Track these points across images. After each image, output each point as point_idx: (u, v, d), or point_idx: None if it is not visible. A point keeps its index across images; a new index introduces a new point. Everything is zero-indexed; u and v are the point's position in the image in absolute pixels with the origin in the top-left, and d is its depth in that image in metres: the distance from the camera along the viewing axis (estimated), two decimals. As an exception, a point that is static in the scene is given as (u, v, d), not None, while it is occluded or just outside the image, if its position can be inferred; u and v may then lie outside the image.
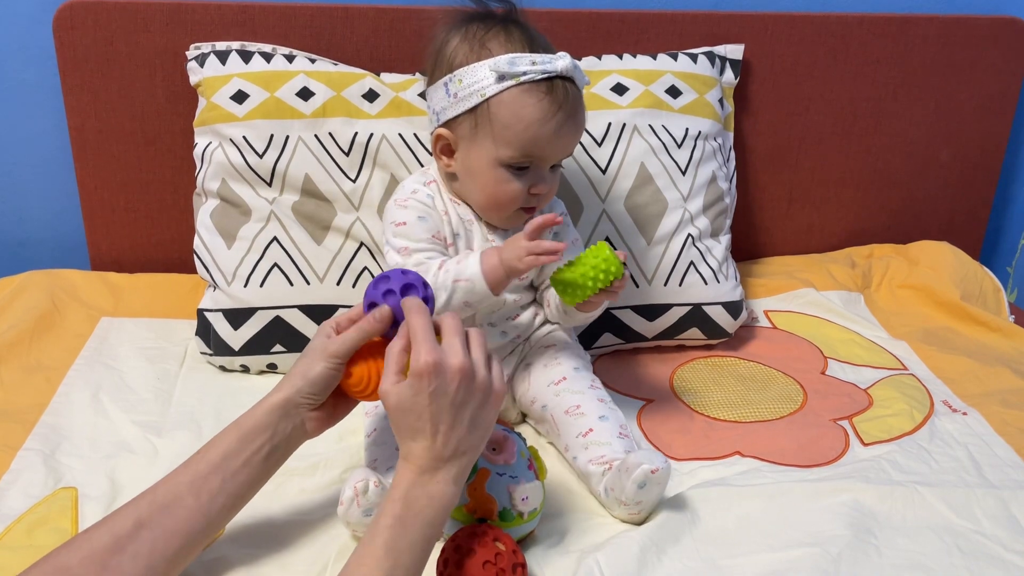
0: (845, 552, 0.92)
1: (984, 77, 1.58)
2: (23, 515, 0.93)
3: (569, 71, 0.99)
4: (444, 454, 0.79)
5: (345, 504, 0.89)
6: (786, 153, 1.58)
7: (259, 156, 1.23)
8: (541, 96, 0.98)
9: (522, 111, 0.98)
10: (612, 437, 1.01)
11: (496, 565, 0.82)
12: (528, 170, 1.02)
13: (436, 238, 1.06)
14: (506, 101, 0.99)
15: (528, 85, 0.98)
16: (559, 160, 1.05)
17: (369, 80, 1.29)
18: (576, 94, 1.01)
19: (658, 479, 0.92)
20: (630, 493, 0.92)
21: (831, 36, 1.51)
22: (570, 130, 1.01)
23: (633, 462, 0.92)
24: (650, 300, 1.28)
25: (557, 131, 0.99)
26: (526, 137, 0.99)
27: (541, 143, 1.00)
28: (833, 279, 1.53)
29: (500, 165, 1.01)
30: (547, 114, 0.98)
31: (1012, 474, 1.06)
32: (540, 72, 0.98)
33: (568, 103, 0.99)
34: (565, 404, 1.06)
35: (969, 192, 1.68)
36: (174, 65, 1.34)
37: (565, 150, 1.04)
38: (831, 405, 1.20)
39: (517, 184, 1.02)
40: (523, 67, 0.97)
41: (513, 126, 0.99)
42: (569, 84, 1.00)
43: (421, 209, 1.06)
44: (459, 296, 1.00)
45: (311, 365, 0.86)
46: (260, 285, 1.21)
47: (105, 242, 1.45)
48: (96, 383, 1.17)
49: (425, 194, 1.08)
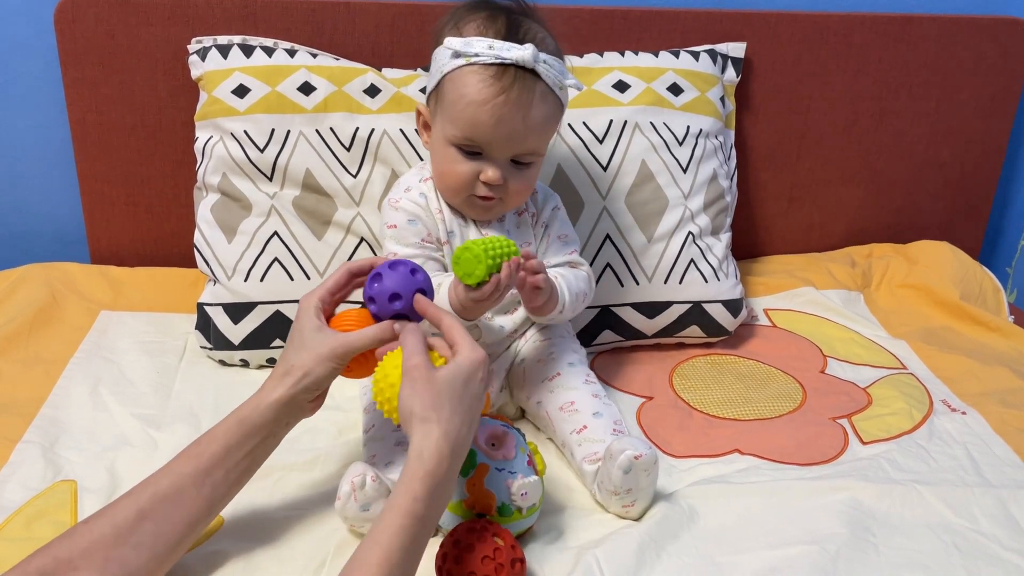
0: (843, 550, 0.92)
1: (985, 77, 1.59)
2: (22, 507, 0.93)
3: (526, 62, 0.96)
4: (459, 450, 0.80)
5: (342, 499, 0.89)
6: (787, 152, 1.58)
7: (260, 150, 1.23)
8: (486, 78, 0.97)
9: (464, 89, 0.98)
10: (606, 434, 1.01)
11: (495, 560, 0.82)
12: (481, 157, 1.01)
13: (426, 241, 1.06)
14: (454, 79, 0.99)
15: (478, 67, 0.97)
16: (511, 153, 1.01)
17: (370, 75, 1.29)
18: (532, 87, 0.98)
19: (643, 465, 0.92)
20: (617, 480, 0.92)
21: (833, 35, 1.51)
22: (514, 121, 0.97)
23: (616, 448, 0.92)
24: (650, 298, 1.28)
25: (498, 118, 0.97)
26: (464, 117, 0.98)
27: (481, 127, 0.98)
28: (833, 278, 1.54)
29: (449, 144, 1.01)
30: (486, 97, 0.96)
31: (1010, 473, 1.06)
32: (493, 56, 0.96)
33: (515, 92, 0.96)
34: (559, 400, 1.06)
35: (969, 192, 1.68)
36: (175, 59, 1.34)
37: (510, 141, 0.99)
38: (830, 404, 1.20)
39: (465, 167, 1.01)
40: (476, 48, 0.97)
41: (456, 104, 0.99)
42: (527, 76, 0.97)
43: (412, 211, 1.07)
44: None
45: (315, 366, 0.86)
46: (260, 280, 1.21)
47: (105, 236, 1.45)
48: (95, 376, 1.17)
49: (419, 193, 1.08)
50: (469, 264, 0.92)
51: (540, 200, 1.14)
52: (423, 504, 0.75)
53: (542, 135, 1.03)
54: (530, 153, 1.02)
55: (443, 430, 0.78)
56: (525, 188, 1.05)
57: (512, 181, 1.03)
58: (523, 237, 1.12)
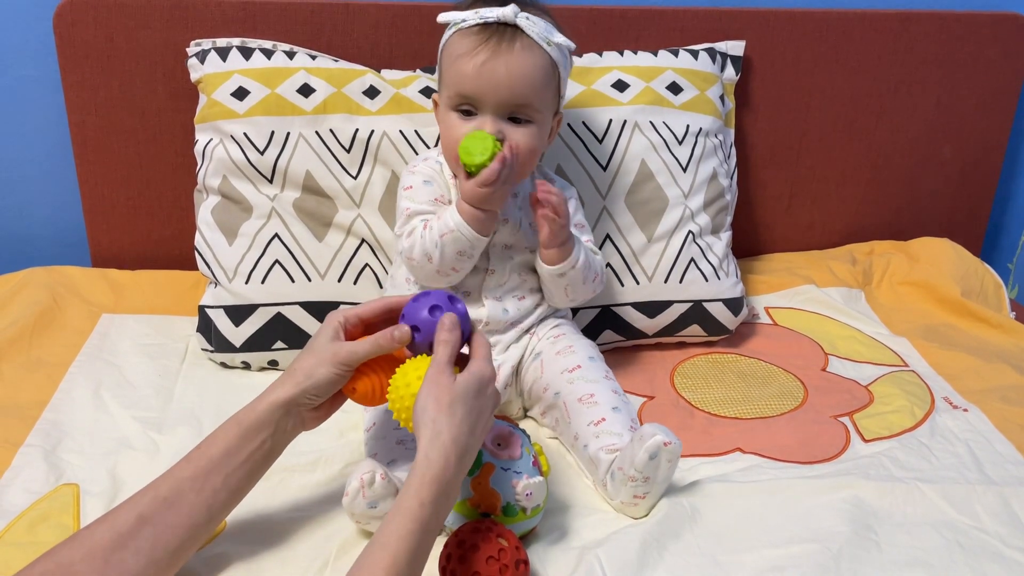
0: (845, 548, 0.92)
1: (985, 73, 1.58)
2: (25, 511, 0.93)
3: (507, 18, 1.02)
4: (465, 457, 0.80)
5: (350, 495, 0.89)
6: (787, 150, 1.57)
7: (260, 153, 1.23)
8: (471, 35, 1.03)
9: (453, 48, 1.04)
10: (624, 429, 1.01)
11: (499, 561, 0.82)
12: (475, 116, 1.05)
13: (439, 201, 1.09)
14: (447, 47, 1.06)
15: (465, 29, 1.04)
16: (501, 104, 1.03)
17: (370, 76, 1.29)
18: (512, 38, 1.02)
19: (668, 454, 0.93)
20: (640, 464, 0.92)
21: (832, 32, 1.50)
22: (496, 68, 1.01)
23: (647, 432, 0.93)
24: (651, 297, 1.28)
25: (481, 65, 1.01)
26: (454, 72, 1.03)
27: (467, 79, 1.02)
28: (834, 276, 1.54)
29: (449, 109, 1.06)
30: (471, 49, 1.02)
31: (1012, 470, 1.06)
32: (478, 19, 1.03)
33: (495, 41, 1.02)
34: (579, 392, 1.06)
35: (970, 188, 1.68)
36: (175, 62, 1.34)
37: (496, 90, 1.02)
38: (832, 402, 1.20)
39: (464, 129, 1.04)
40: (464, 15, 1.04)
41: (448, 65, 1.05)
42: (508, 29, 1.02)
43: (428, 174, 1.11)
44: (450, 249, 1.03)
45: (317, 368, 0.86)
46: (261, 282, 1.21)
47: (106, 238, 1.45)
48: (97, 379, 1.17)
49: (435, 160, 1.12)
50: (475, 146, 0.99)
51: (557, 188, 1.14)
52: (430, 509, 0.76)
53: (530, 85, 1.03)
54: (523, 106, 1.04)
55: (452, 435, 0.79)
56: (527, 147, 1.05)
57: (511, 138, 1.04)
58: (532, 216, 1.11)
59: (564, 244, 1.07)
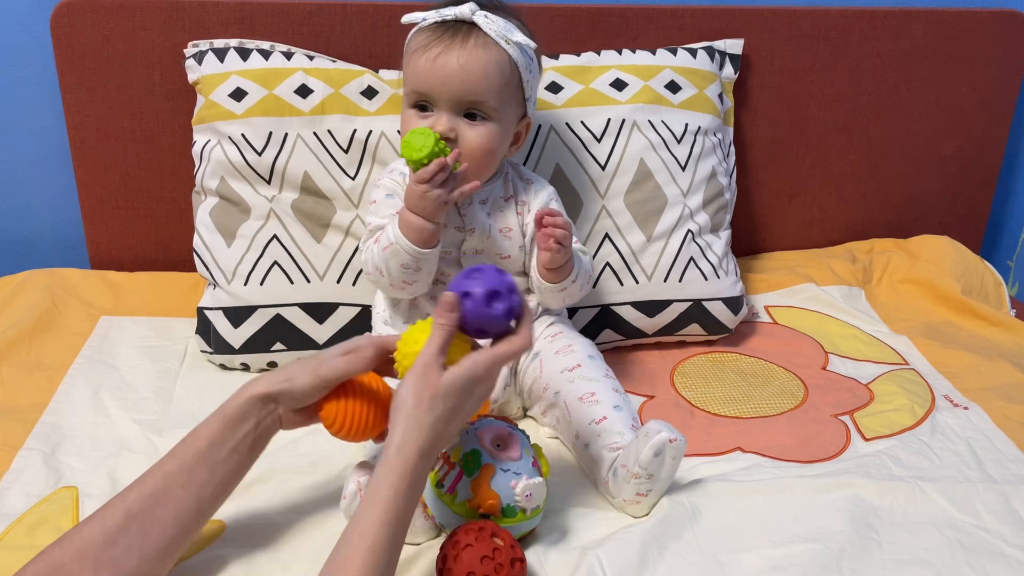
0: (846, 547, 0.92)
1: (984, 71, 1.58)
2: (24, 515, 0.93)
3: (463, 15, 1.03)
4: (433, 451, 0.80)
5: (348, 498, 0.89)
6: (786, 148, 1.57)
7: (258, 154, 1.23)
8: (427, 32, 1.04)
9: (411, 45, 1.06)
10: (625, 428, 1.01)
11: (494, 560, 0.82)
12: (431, 112, 1.05)
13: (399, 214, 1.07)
14: (408, 43, 1.07)
15: (425, 27, 1.05)
16: (454, 99, 1.03)
17: (367, 77, 1.29)
18: (468, 34, 1.03)
19: (673, 451, 0.93)
20: (644, 460, 0.92)
21: (831, 30, 1.50)
22: (449, 62, 1.01)
23: (653, 428, 0.93)
24: (650, 296, 1.28)
25: (433, 60, 1.02)
26: (410, 68, 1.05)
27: (420, 73, 1.03)
28: (834, 274, 1.53)
29: (408, 106, 1.07)
30: (425, 43, 1.03)
31: (1014, 469, 1.06)
32: (437, 16, 1.04)
33: (447, 36, 1.02)
34: (579, 391, 1.06)
35: (970, 186, 1.68)
36: (172, 63, 1.34)
37: (448, 83, 1.02)
38: (832, 400, 1.20)
39: (417, 124, 1.03)
40: (426, 14, 1.05)
41: (406, 62, 1.06)
42: (464, 26, 1.03)
43: (390, 187, 1.11)
44: (393, 263, 1.03)
45: (299, 375, 0.85)
46: (260, 283, 1.21)
47: (104, 240, 1.44)
48: (96, 382, 1.17)
49: (399, 173, 1.12)
50: (416, 141, 0.97)
51: (534, 190, 1.14)
52: (403, 499, 0.77)
53: (484, 81, 1.03)
54: (477, 102, 1.04)
55: (428, 431, 0.79)
56: (481, 146, 1.05)
57: (465, 134, 1.04)
58: (502, 222, 1.12)
59: (567, 261, 1.07)
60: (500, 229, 1.11)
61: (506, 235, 1.11)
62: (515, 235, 1.12)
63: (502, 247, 1.12)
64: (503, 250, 1.12)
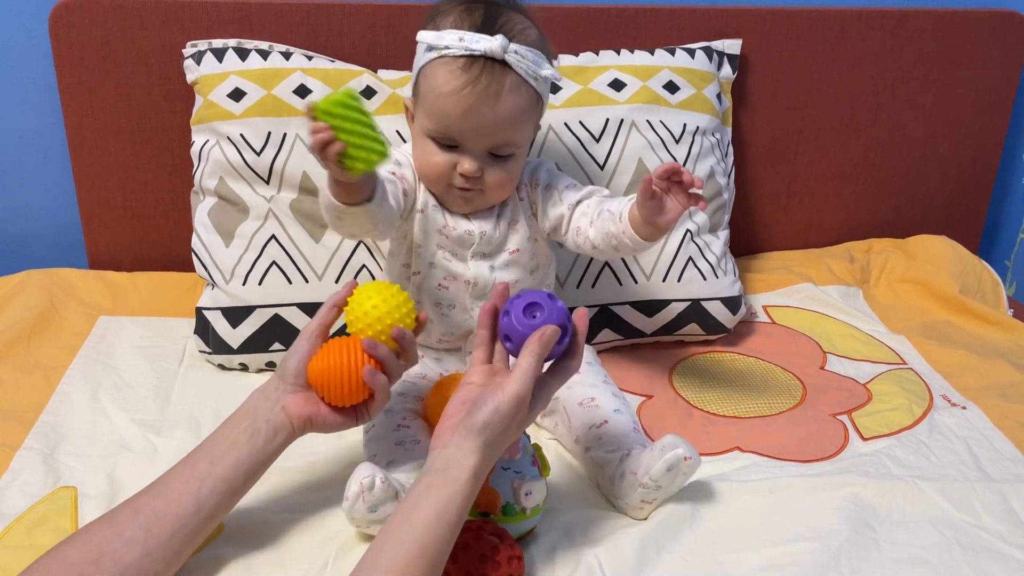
0: (845, 546, 0.92)
1: (982, 71, 1.58)
2: (23, 514, 0.93)
3: (494, 53, 0.95)
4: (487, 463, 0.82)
5: (350, 500, 0.88)
6: (784, 148, 1.57)
7: (256, 154, 1.23)
8: (455, 70, 0.96)
9: (434, 82, 0.98)
10: (627, 430, 1.01)
11: (492, 558, 0.82)
12: (457, 149, 1.01)
13: (398, 176, 1.05)
14: (428, 73, 0.99)
15: (449, 59, 0.97)
16: (485, 145, 1.00)
17: (366, 77, 1.29)
18: (501, 78, 0.96)
19: (686, 469, 0.93)
20: (656, 473, 0.92)
21: (829, 30, 1.50)
22: (483, 111, 0.97)
23: (669, 443, 0.93)
24: (649, 296, 1.28)
25: (466, 109, 0.96)
26: (436, 109, 0.98)
27: (451, 119, 0.98)
28: (832, 274, 1.54)
29: (426, 136, 1.01)
30: (455, 88, 0.96)
31: (1011, 468, 1.06)
32: (463, 48, 0.96)
33: (482, 82, 0.96)
34: (579, 396, 1.06)
35: (967, 186, 1.68)
36: (171, 63, 1.34)
37: (481, 132, 0.98)
38: (830, 400, 1.20)
39: (442, 158, 1.01)
40: (447, 41, 0.96)
41: (428, 96, 0.99)
42: (496, 66, 0.96)
43: (402, 159, 1.07)
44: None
45: (297, 343, 0.93)
46: (258, 283, 1.21)
47: (103, 240, 1.44)
48: (95, 382, 1.17)
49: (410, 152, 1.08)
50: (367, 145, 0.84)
51: (528, 172, 1.11)
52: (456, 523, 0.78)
53: (515, 126, 1.01)
54: (505, 145, 1.01)
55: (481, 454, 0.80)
56: (506, 180, 1.04)
57: (490, 173, 1.02)
58: (511, 216, 1.09)
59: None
60: (509, 223, 1.09)
61: (514, 229, 1.10)
62: (521, 227, 1.10)
63: (509, 242, 1.10)
64: (511, 245, 1.10)
